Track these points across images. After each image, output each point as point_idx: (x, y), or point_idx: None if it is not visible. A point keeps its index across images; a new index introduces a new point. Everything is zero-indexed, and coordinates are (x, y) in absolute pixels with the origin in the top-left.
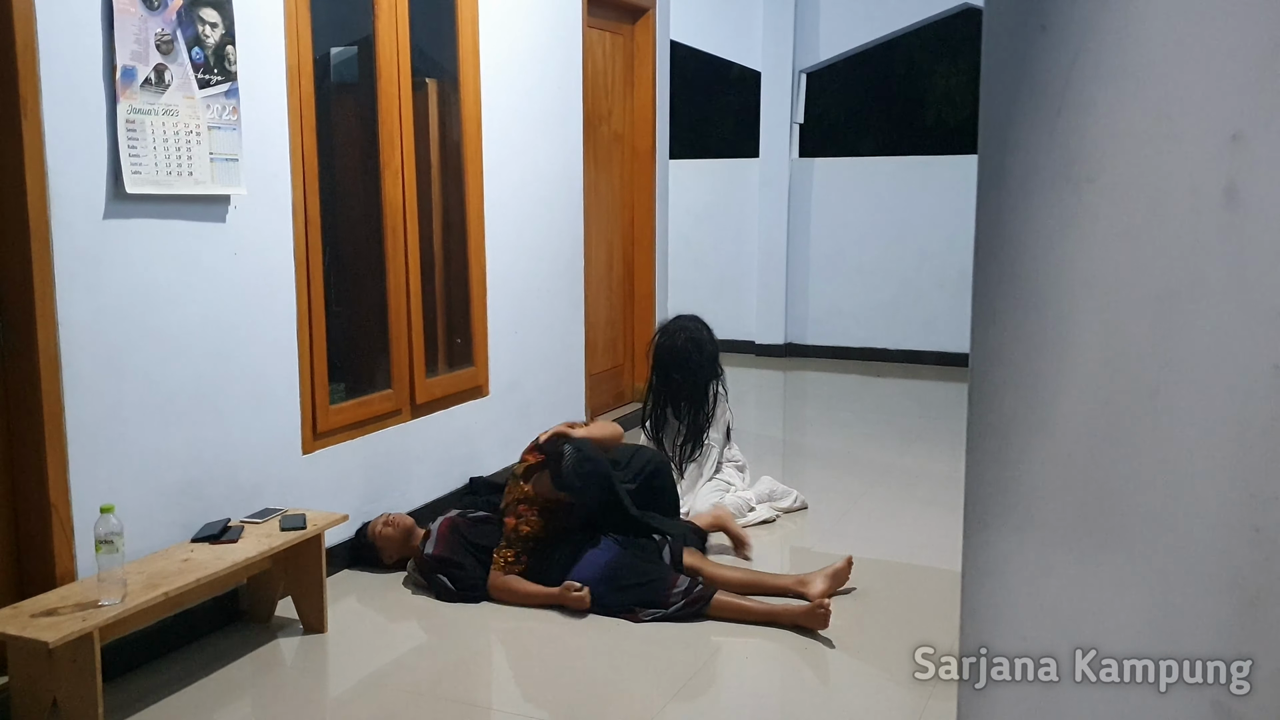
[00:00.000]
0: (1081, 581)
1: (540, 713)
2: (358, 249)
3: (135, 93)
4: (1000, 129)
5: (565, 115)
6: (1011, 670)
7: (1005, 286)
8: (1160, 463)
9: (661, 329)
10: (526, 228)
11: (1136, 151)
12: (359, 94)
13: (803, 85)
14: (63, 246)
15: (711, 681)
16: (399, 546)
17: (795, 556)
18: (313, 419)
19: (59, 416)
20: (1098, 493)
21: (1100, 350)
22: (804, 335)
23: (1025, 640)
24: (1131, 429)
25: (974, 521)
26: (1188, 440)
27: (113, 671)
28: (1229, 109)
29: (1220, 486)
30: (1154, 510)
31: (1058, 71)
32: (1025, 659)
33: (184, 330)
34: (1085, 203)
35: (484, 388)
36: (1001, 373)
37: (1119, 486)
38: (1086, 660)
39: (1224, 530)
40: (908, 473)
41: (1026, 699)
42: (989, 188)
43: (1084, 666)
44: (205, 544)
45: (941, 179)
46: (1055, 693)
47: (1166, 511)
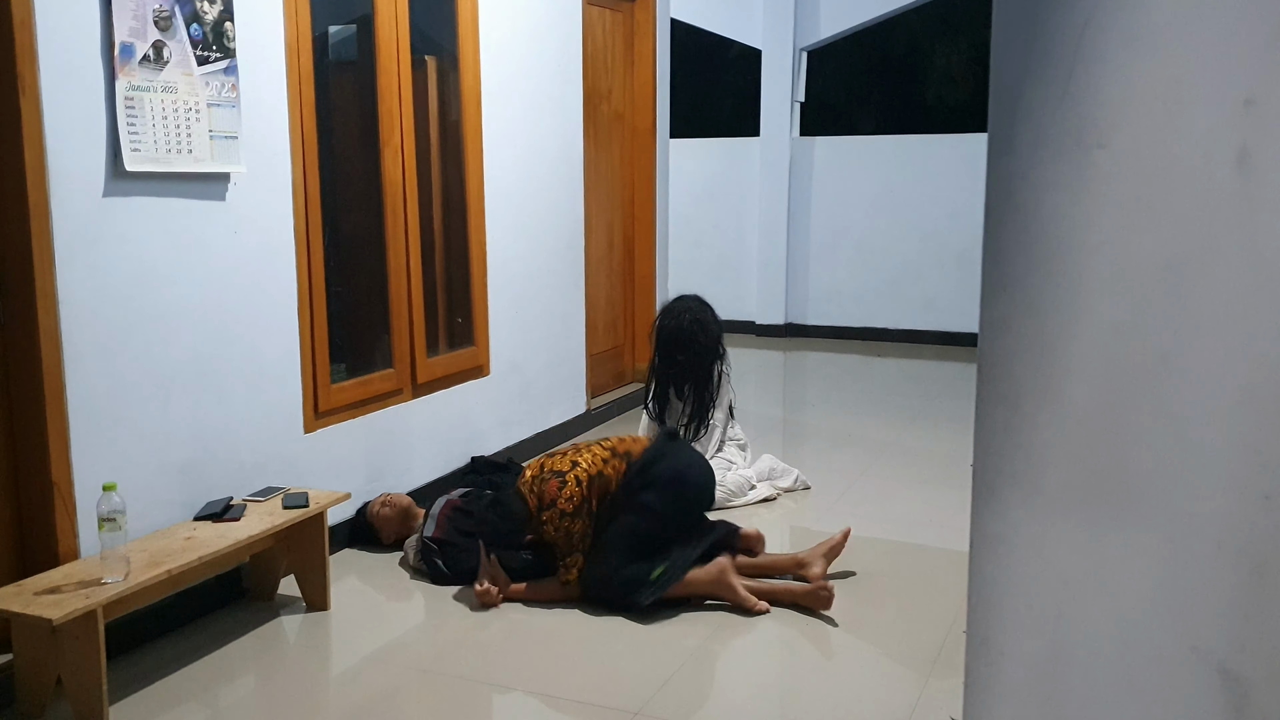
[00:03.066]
0: (1090, 549)
1: (541, 690)
2: (358, 228)
3: (134, 69)
4: (1010, 95)
5: (565, 94)
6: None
7: (1015, 254)
8: (1170, 430)
9: (665, 310)
10: (526, 207)
11: (1148, 117)
12: (358, 72)
13: (803, 63)
14: (62, 225)
15: (711, 660)
16: (397, 526)
17: (795, 535)
18: (314, 398)
19: (60, 395)
20: (1107, 460)
21: (1110, 317)
22: (804, 315)
23: (1033, 608)
24: (1141, 396)
25: (983, 490)
26: (1197, 407)
27: (116, 649)
28: (1242, 73)
29: (1230, 454)
30: (1163, 478)
31: (1069, 36)
32: (1033, 626)
33: (184, 309)
34: (1096, 168)
35: (485, 367)
36: (1011, 341)
37: (1128, 454)
38: (1094, 627)
39: (1233, 497)
40: (908, 451)
41: (1034, 665)
42: (999, 154)
43: (1092, 633)
44: (207, 522)
45: (942, 158)
46: (1063, 660)
47: (1176, 479)
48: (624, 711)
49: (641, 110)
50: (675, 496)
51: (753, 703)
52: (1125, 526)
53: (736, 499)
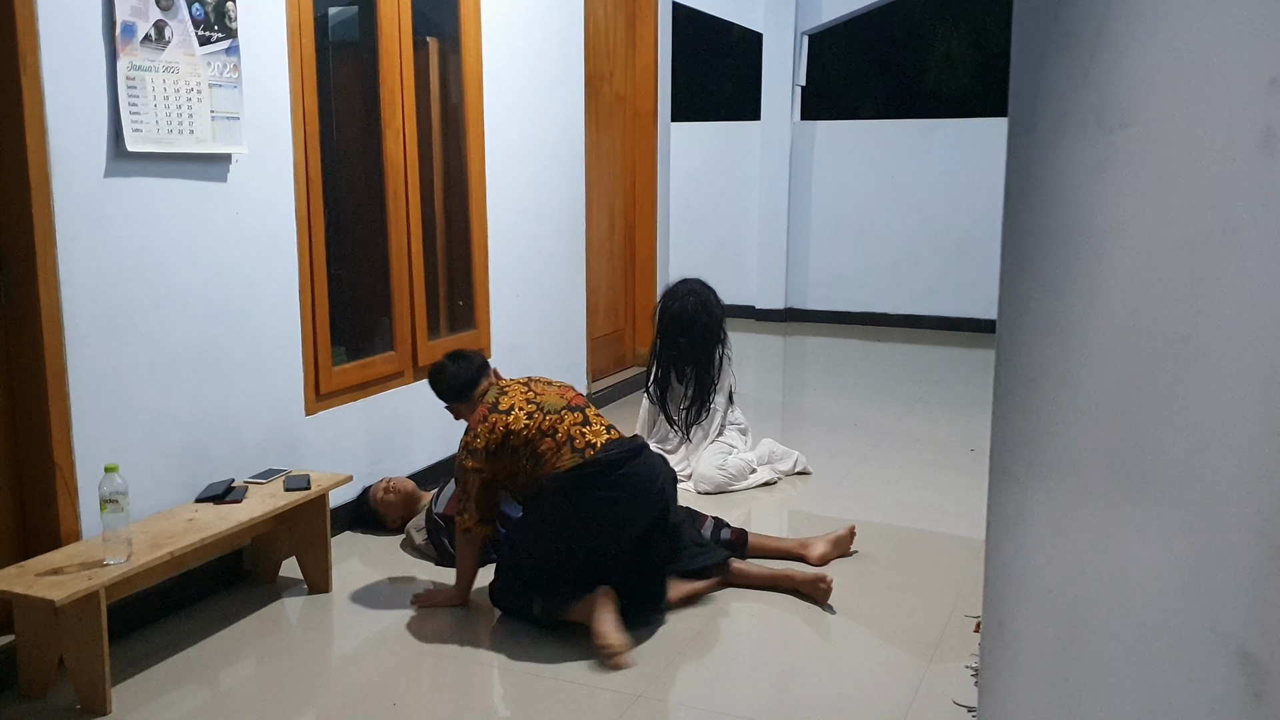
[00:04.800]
0: (1109, 532)
1: (543, 672)
2: (359, 210)
3: (135, 49)
4: (1032, 73)
5: (566, 76)
6: (1036, 620)
7: (1035, 234)
8: (1190, 411)
9: (668, 292)
10: (528, 190)
11: (1171, 96)
12: (360, 53)
13: (805, 47)
14: (64, 205)
15: (712, 644)
16: (401, 511)
17: (795, 519)
18: (315, 380)
19: (62, 376)
20: (1126, 442)
21: (1131, 297)
22: (804, 300)
23: (1050, 590)
24: (1161, 378)
25: (1000, 472)
26: (1218, 388)
27: (118, 631)
28: (1267, 53)
29: (1250, 435)
30: (1183, 459)
31: (1091, 15)
32: (1050, 608)
33: (186, 290)
34: (1118, 148)
35: (486, 350)
36: (1030, 321)
37: (1148, 435)
38: (1112, 611)
39: (1253, 479)
40: (908, 436)
41: (1051, 649)
42: (1020, 133)
43: (1109, 617)
44: (209, 504)
45: (943, 143)
46: (1080, 643)
47: (1195, 460)
48: (626, 694)
49: (643, 93)
50: (616, 518)
51: (754, 686)
52: (1144, 509)
53: (737, 483)
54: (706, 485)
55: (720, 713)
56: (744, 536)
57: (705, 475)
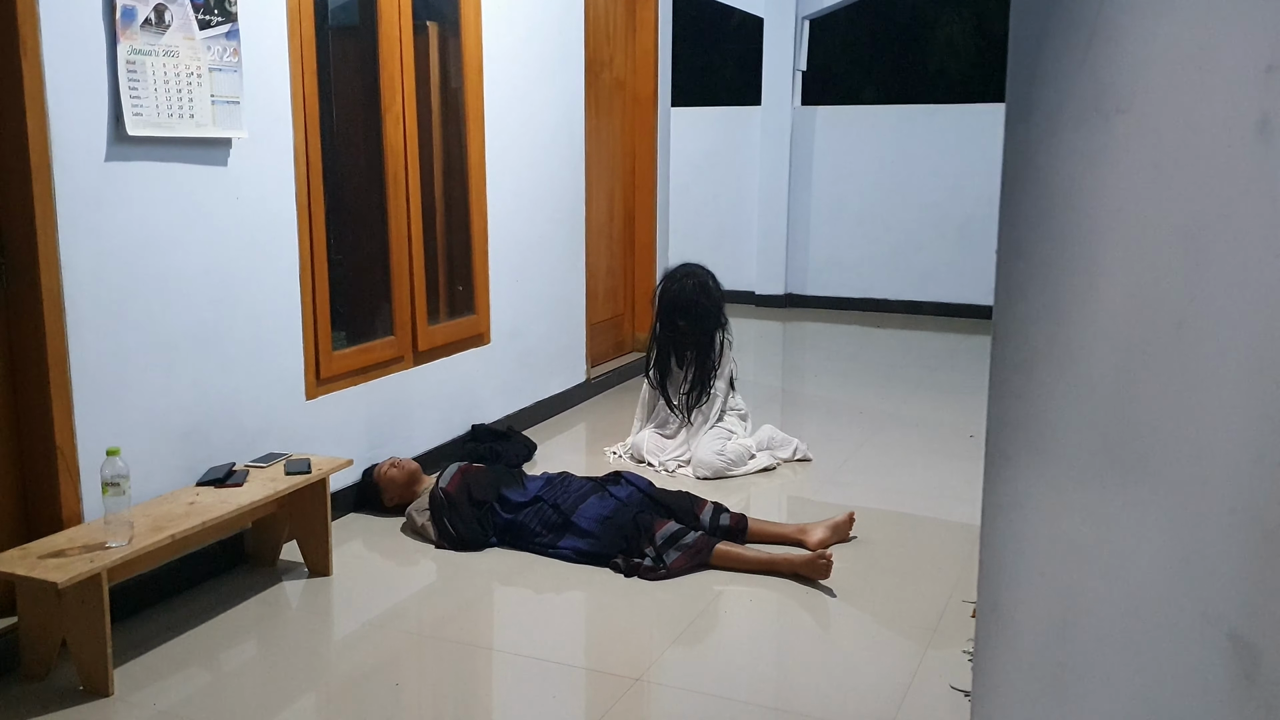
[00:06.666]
0: (1103, 515)
1: (543, 656)
2: (359, 195)
3: (135, 33)
4: (1029, 59)
5: (566, 61)
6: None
7: (1032, 219)
8: (1184, 396)
9: (668, 275)
10: (527, 175)
11: (1169, 83)
12: (360, 37)
13: (805, 32)
14: (64, 189)
15: (710, 628)
16: (401, 489)
17: (795, 505)
18: (315, 365)
19: (63, 360)
20: (1121, 426)
21: (1126, 283)
22: (804, 285)
23: (1044, 573)
24: (1156, 362)
25: (996, 456)
26: (1213, 374)
27: (120, 613)
28: (1264, 40)
29: (1245, 420)
30: (1177, 444)
31: (1090, 0)
32: (1044, 591)
33: (186, 275)
34: (1115, 134)
35: (485, 335)
36: (1027, 306)
37: (1143, 420)
38: (1106, 594)
39: (1247, 464)
40: (908, 422)
41: (1045, 632)
42: (1017, 119)
43: (1103, 600)
44: (210, 487)
45: (944, 128)
46: (1073, 626)
47: (1190, 445)
48: (624, 678)
49: (643, 78)
50: None
51: (752, 671)
52: (1138, 493)
53: (736, 468)
54: (705, 470)
55: (718, 696)
56: (743, 521)
57: (704, 460)
